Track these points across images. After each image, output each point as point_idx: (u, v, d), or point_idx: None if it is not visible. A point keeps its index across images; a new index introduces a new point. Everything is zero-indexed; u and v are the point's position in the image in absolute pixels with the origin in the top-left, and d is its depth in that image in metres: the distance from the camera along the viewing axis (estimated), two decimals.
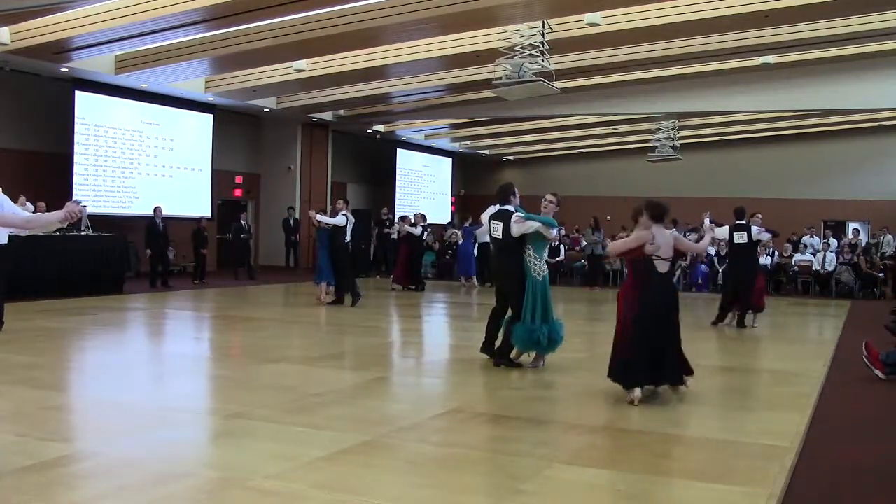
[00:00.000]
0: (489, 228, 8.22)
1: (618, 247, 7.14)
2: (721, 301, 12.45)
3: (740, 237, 11.91)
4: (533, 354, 8.09)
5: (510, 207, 8.03)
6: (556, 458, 4.98)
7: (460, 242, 20.51)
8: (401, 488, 4.37)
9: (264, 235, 23.32)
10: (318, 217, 13.84)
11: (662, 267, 6.66)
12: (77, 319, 11.47)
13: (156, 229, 16.57)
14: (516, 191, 8.17)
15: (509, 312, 8.12)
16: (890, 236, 20.85)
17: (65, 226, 5.06)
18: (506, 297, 8.17)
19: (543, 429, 5.82)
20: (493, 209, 8.25)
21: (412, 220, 18.52)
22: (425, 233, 19.22)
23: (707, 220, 12.82)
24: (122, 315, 12.52)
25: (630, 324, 6.58)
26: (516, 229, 7.79)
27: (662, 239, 6.61)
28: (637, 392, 6.49)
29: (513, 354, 8.10)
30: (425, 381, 7.98)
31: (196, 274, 18.08)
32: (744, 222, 11.94)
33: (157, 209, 16.74)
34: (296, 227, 21.85)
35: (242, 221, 19.83)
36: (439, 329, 12.91)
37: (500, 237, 8.01)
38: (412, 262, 18.25)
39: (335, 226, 13.73)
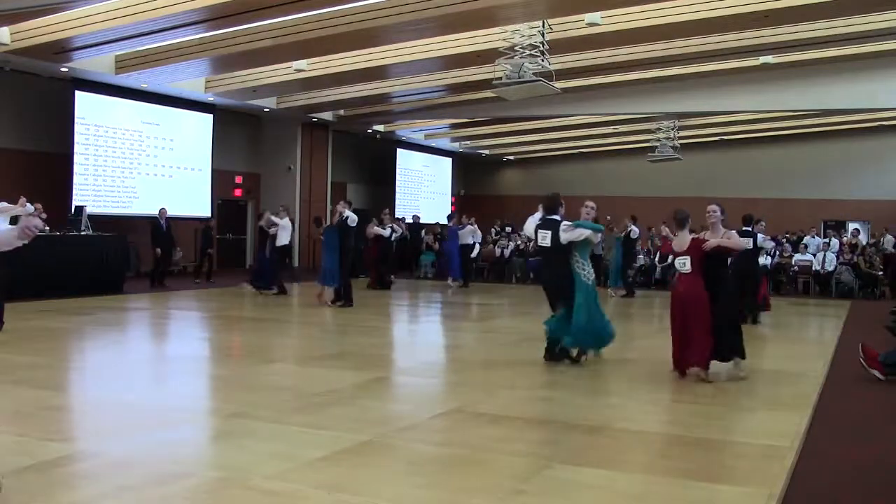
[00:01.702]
0: (536, 237, 8.54)
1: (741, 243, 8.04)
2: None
3: (746, 243, 12.17)
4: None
5: (557, 217, 8.39)
6: (556, 458, 4.97)
7: (446, 243, 20.22)
8: (401, 488, 4.37)
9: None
10: (347, 212, 14.01)
11: None
12: (77, 319, 11.47)
13: (160, 230, 16.73)
14: (562, 201, 8.53)
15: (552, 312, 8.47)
16: (890, 236, 20.88)
17: (27, 242, 4.22)
18: (553, 301, 8.48)
19: (543, 429, 5.82)
20: (536, 218, 8.61)
21: (390, 222, 18.38)
22: (394, 234, 19.13)
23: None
24: (122, 315, 12.52)
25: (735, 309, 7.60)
26: (565, 237, 8.17)
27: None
28: None
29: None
30: (425, 381, 7.97)
31: (199, 273, 18.21)
32: (750, 229, 12.31)
33: (161, 210, 16.93)
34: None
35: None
36: (439, 329, 12.91)
37: (549, 245, 8.34)
38: (381, 263, 18.20)
39: (345, 228, 13.91)
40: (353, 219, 14.04)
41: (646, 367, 8.40)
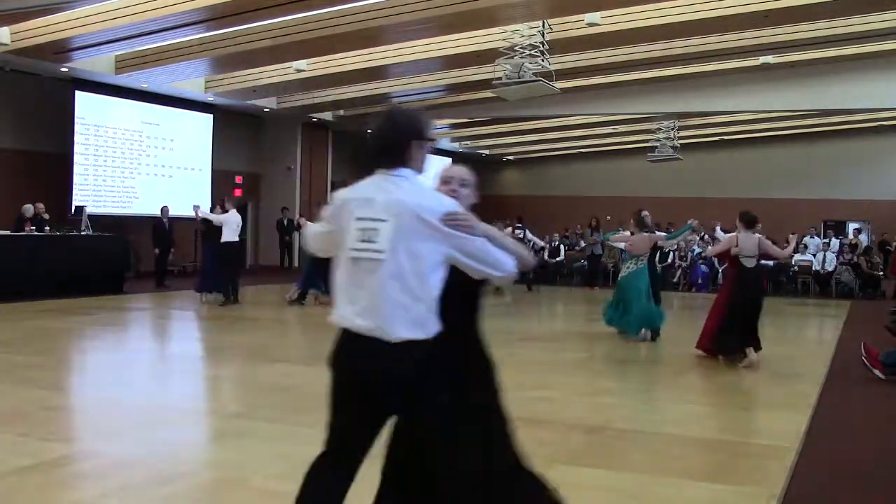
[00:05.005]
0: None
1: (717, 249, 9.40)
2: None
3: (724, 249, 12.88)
4: None
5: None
6: (556, 458, 4.97)
7: None
8: None
9: (263, 236, 23.31)
10: (303, 221, 13.89)
11: (749, 263, 8.47)
12: (77, 319, 11.47)
13: (162, 228, 16.75)
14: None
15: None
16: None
17: None
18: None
19: (543, 429, 5.82)
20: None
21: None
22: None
23: (718, 229, 14.18)
24: (122, 315, 12.52)
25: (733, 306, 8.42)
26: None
27: (748, 241, 8.43)
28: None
29: None
30: None
31: None
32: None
33: (164, 209, 16.92)
34: (290, 227, 21.86)
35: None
36: None
37: None
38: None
39: None
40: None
41: (646, 367, 8.41)
